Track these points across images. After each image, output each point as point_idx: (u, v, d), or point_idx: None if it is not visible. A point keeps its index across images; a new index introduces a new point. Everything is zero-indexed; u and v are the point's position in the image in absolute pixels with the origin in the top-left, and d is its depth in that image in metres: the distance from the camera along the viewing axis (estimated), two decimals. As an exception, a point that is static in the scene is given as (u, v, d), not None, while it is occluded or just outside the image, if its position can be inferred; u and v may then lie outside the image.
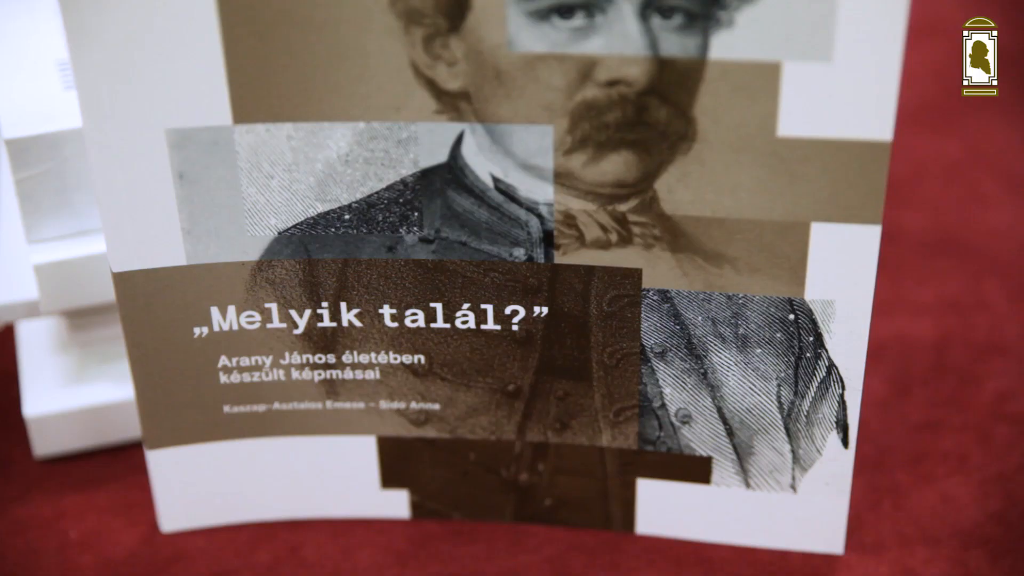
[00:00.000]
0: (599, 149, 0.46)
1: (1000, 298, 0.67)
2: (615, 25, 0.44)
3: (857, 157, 0.45)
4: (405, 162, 0.48)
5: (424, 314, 0.51)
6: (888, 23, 0.43)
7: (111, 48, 0.45)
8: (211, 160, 0.48)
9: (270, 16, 0.45)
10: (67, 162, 0.54)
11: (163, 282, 0.50)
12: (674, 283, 0.49)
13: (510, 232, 0.49)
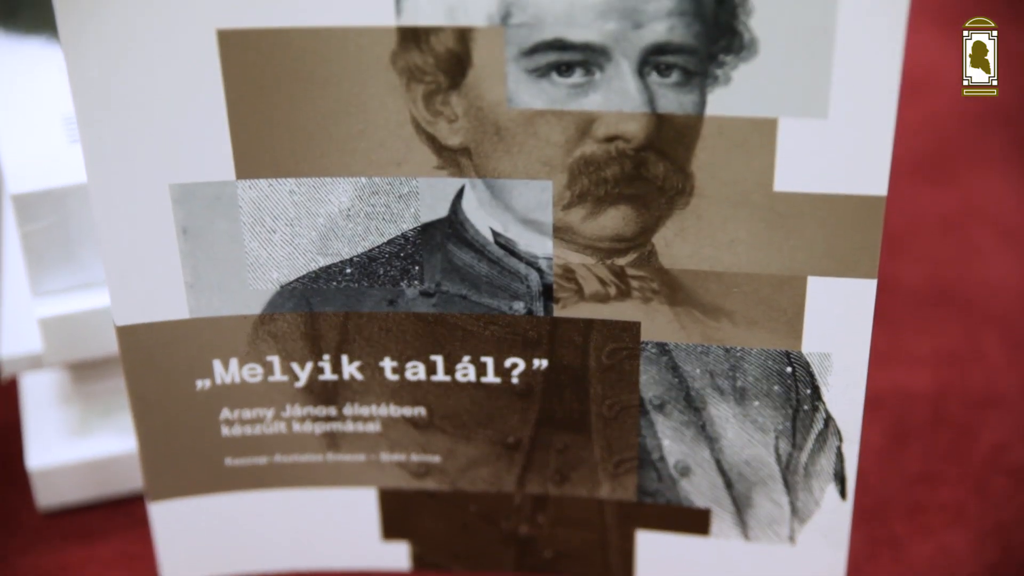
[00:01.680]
0: (598, 204, 0.47)
1: (997, 350, 0.67)
2: (613, 82, 0.45)
3: (852, 212, 0.46)
4: (406, 217, 0.48)
5: (425, 367, 0.51)
6: (882, 80, 0.43)
7: (116, 104, 0.46)
8: (214, 215, 0.48)
9: (273, 73, 0.46)
10: (72, 216, 0.55)
11: (166, 335, 0.50)
12: (672, 336, 0.50)
13: (510, 286, 0.49)
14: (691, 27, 0.43)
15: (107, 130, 0.46)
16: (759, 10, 0.43)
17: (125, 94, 0.46)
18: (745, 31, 0.43)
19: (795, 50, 0.43)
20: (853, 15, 0.43)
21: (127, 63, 0.45)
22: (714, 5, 0.43)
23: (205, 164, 0.47)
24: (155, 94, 0.46)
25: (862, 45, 0.43)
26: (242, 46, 0.45)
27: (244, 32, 0.45)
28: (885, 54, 0.43)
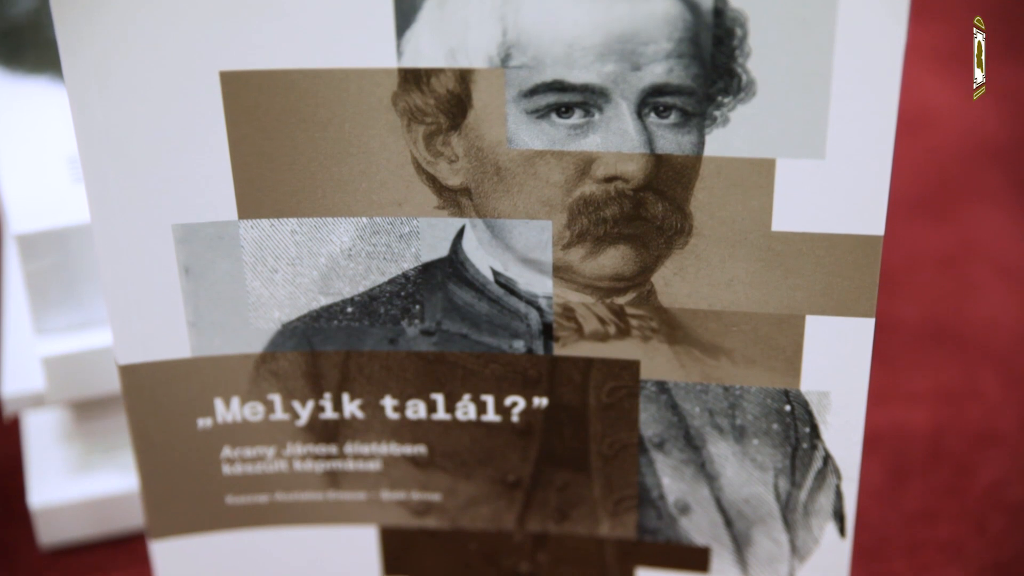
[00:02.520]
0: (597, 243, 0.47)
1: (994, 387, 0.68)
2: (612, 123, 0.45)
3: (850, 251, 0.46)
4: (407, 256, 0.49)
5: (425, 405, 0.52)
6: (879, 121, 0.44)
7: (120, 145, 0.46)
8: (216, 254, 0.48)
9: (275, 114, 0.46)
10: (74, 255, 0.55)
11: (168, 374, 0.51)
12: (672, 375, 0.50)
13: (510, 324, 0.50)
14: (689, 69, 0.44)
15: (111, 170, 0.47)
16: (756, 52, 0.43)
17: (129, 135, 0.46)
18: (743, 73, 0.44)
19: (792, 91, 0.44)
20: (849, 56, 0.43)
21: (131, 104, 0.46)
22: (712, 47, 0.43)
23: (208, 204, 0.47)
24: (158, 135, 0.46)
25: (858, 86, 0.43)
26: (244, 87, 0.46)
27: (246, 74, 0.45)
28: (881, 95, 0.43)
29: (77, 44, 0.45)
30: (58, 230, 0.55)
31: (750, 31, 0.43)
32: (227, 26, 0.45)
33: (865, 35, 0.43)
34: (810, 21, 0.43)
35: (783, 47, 0.43)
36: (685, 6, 0.43)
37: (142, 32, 0.45)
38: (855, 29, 0.43)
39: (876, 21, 0.43)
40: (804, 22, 0.43)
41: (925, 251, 0.77)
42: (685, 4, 0.43)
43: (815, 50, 0.43)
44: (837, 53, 0.43)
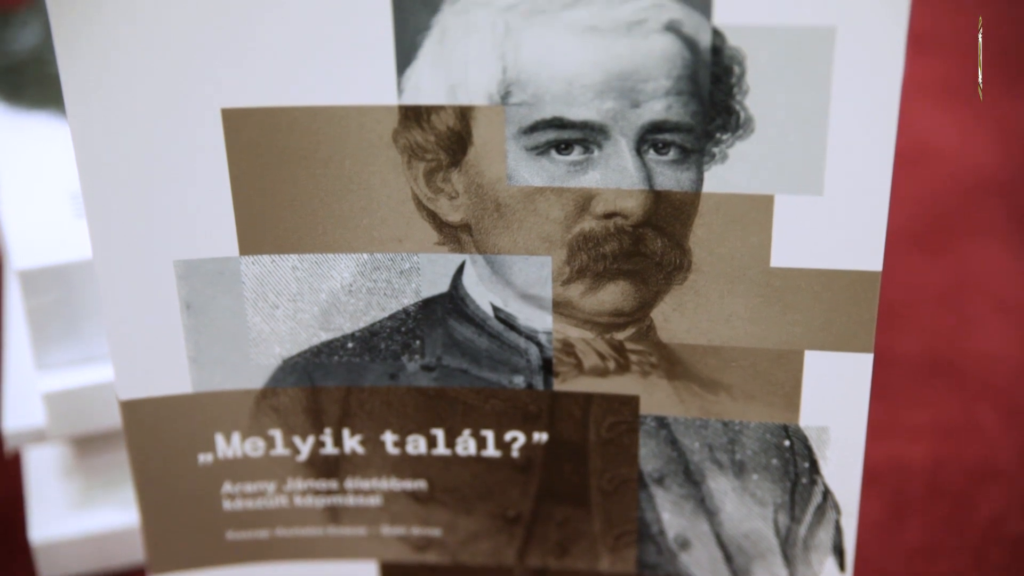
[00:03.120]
0: (597, 279, 0.48)
1: (993, 422, 0.68)
2: (612, 160, 0.45)
3: (848, 287, 0.46)
4: (407, 292, 0.49)
5: (425, 440, 0.52)
6: (876, 157, 0.44)
7: (122, 181, 0.47)
8: (217, 290, 0.49)
9: (276, 151, 0.46)
10: (76, 291, 0.55)
11: (169, 410, 0.51)
12: (671, 410, 0.50)
13: (510, 360, 0.50)
14: (688, 106, 0.44)
15: (112, 206, 0.47)
16: (754, 89, 0.44)
17: (131, 171, 0.46)
18: (741, 110, 0.44)
19: (790, 128, 0.44)
20: (847, 93, 0.43)
21: (133, 140, 0.46)
22: (710, 85, 0.44)
23: (209, 240, 0.48)
24: (160, 171, 0.47)
25: (856, 123, 0.44)
26: (246, 124, 0.46)
27: (248, 111, 0.46)
28: (879, 132, 0.44)
29: (80, 80, 0.45)
30: (60, 266, 0.55)
31: (748, 69, 0.43)
32: (229, 64, 0.45)
33: (862, 72, 0.43)
34: (807, 59, 0.43)
35: (781, 84, 0.43)
36: (683, 44, 0.43)
37: (145, 69, 0.45)
38: (852, 66, 0.43)
39: (873, 58, 0.43)
40: (801, 60, 0.43)
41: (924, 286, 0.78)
42: (683, 42, 0.43)
43: (813, 87, 0.43)
44: (835, 90, 0.43)
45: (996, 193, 0.85)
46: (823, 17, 0.42)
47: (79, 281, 0.55)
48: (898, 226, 0.79)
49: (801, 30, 0.43)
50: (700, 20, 0.43)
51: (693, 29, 0.43)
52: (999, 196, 0.85)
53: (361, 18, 0.44)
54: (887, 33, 0.42)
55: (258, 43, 0.45)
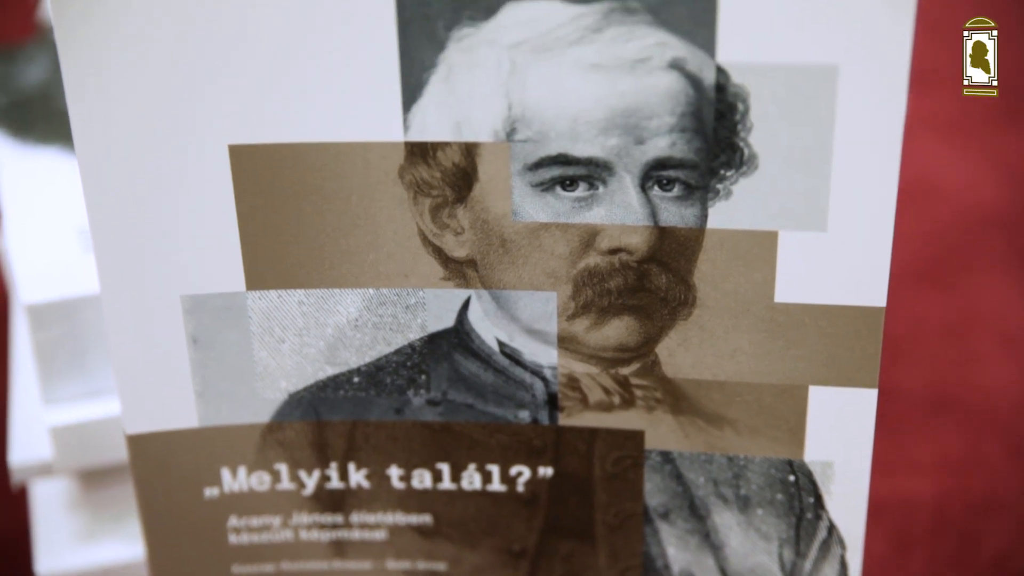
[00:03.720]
0: (602, 314, 0.48)
1: (998, 456, 0.68)
2: (616, 196, 0.46)
3: (852, 323, 0.46)
4: (413, 327, 0.49)
5: (431, 475, 0.52)
6: (880, 193, 0.44)
7: (129, 216, 0.47)
8: (224, 325, 0.49)
9: (283, 187, 0.47)
10: (83, 325, 0.55)
11: (175, 444, 0.51)
12: (676, 444, 0.50)
13: (515, 395, 0.50)
14: (692, 143, 0.44)
15: (120, 241, 0.47)
16: (758, 126, 0.44)
17: (138, 206, 0.47)
18: (745, 147, 0.44)
19: (794, 165, 0.44)
20: (850, 130, 0.44)
21: (141, 176, 0.46)
22: (714, 122, 0.44)
23: (216, 275, 0.48)
24: (167, 206, 0.47)
25: (859, 160, 0.44)
26: (253, 160, 0.46)
27: (255, 147, 0.46)
28: (882, 168, 0.44)
29: (88, 115, 0.45)
30: (67, 300, 0.55)
31: (752, 106, 0.44)
32: (236, 100, 0.45)
33: (865, 109, 0.43)
34: (811, 96, 0.43)
35: (784, 121, 0.44)
36: (688, 81, 0.44)
37: (153, 105, 0.45)
38: (855, 104, 0.43)
39: (876, 95, 0.43)
40: (805, 97, 0.43)
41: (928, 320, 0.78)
42: (688, 79, 0.44)
43: (816, 124, 0.44)
44: (838, 127, 0.44)
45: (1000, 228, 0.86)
46: (826, 55, 0.43)
47: (86, 315, 0.55)
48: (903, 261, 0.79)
49: (804, 68, 0.43)
50: (704, 58, 0.43)
51: (697, 67, 0.43)
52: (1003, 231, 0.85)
53: (368, 55, 0.44)
54: (889, 70, 0.43)
55: (265, 80, 0.45)
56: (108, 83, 0.45)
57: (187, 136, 0.46)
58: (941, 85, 0.98)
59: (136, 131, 0.46)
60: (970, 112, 0.98)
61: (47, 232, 0.59)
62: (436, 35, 0.44)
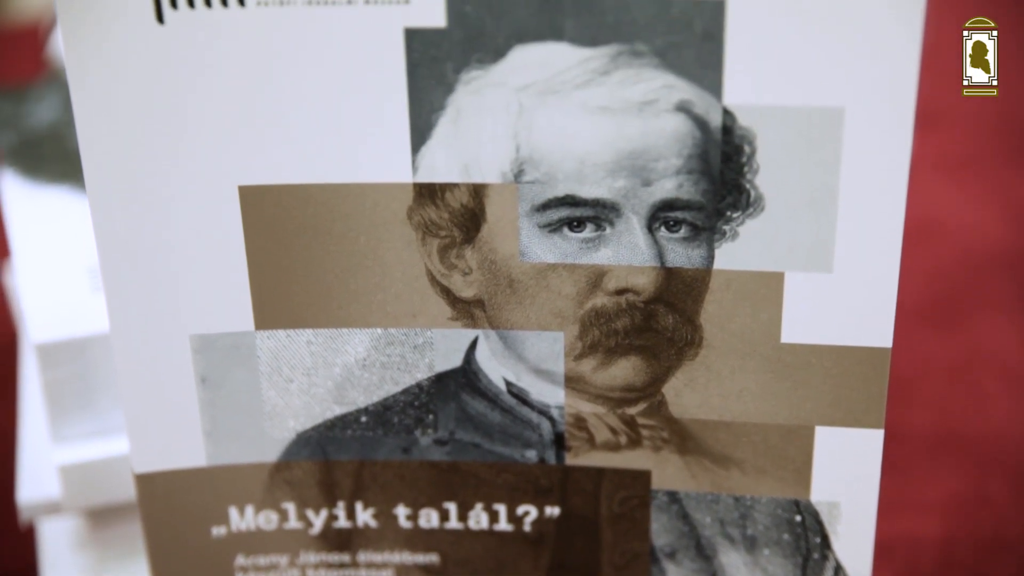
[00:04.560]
0: (609, 355, 0.48)
1: (1005, 496, 0.68)
2: (623, 237, 0.46)
3: (858, 363, 0.47)
4: (421, 367, 0.49)
5: (438, 514, 0.52)
6: (885, 235, 0.45)
7: (140, 256, 0.47)
8: (233, 364, 0.49)
9: (292, 227, 0.47)
10: (93, 364, 0.56)
11: (183, 483, 0.51)
12: (683, 484, 0.50)
13: (522, 434, 0.50)
14: (699, 184, 0.45)
15: (130, 281, 0.48)
16: (764, 168, 0.44)
17: (148, 246, 0.47)
18: (751, 188, 0.45)
19: (800, 207, 0.45)
20: (856, 172, 0.44)
21: (151, 216, 0.47)
22: (721, 164, 0.44)
23: (225, 315, 0.48)
24: (177, 246, 0.47)
25: (865, 201, 0.44)
26: (262, 201, 0.46)
27: (264, 188, 0.46)
28: (888, 210, 0.44)
29: (99, 155, 0.46)
30: (77, 339, 0.55)
31: (758, 148, 0.44)
32: (246, 142, 0.46)
33: (871, 151, 0.44)
34: (817, 138, 0.44)
35: (791, 163, 0.44)
36: (694, 123, 0.44)
37: (163, 146, 0.46)
38: (861, 146, 0.43)
39: (881, 137, 0.43)
40: (811, 139, 0.44)
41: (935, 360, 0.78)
42: (694, 121, 0.44)
43: (822, 166, 0.44)
44: (844, 169, 0.44)
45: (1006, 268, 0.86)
46: (832, 98, 0.43)
47: (96, 355, 0.56)
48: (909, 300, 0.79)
49: (810, 110, 0.43)
50: (711, 100, 0.44)
51: (704, 109, 0.44)
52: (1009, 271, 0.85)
53: (377, 97, 0.45)
54: (895, 113, 0.43)
55: (275, 121, 0.45)
56: (119, 123, 0.45)
57: (197, 176, 0.46)
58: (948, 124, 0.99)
59: (146, 171, 0.46)
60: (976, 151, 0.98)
61: (57, 271, 0.59)
62: (445, 77, 0.44)
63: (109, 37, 0.44)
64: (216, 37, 0.44)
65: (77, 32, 0.44)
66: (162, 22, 0.44)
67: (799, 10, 0.42)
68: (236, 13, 0.44)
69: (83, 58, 0.44)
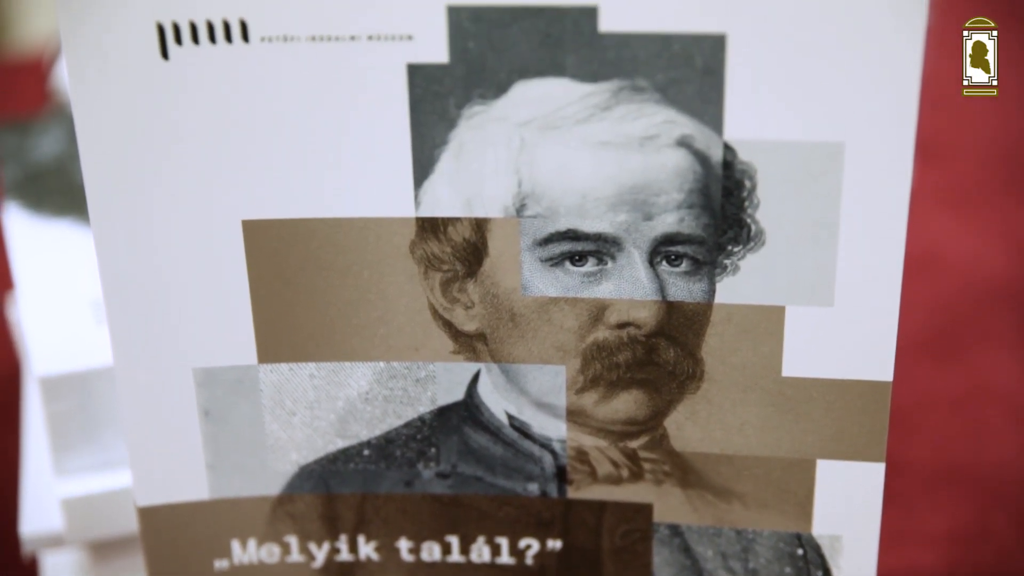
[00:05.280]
0: (610, 388, 0.48)
1: (1007, 529, 0.68)
2: (625, 271, 0.46)
3: (859, 397, 0.47)
4: (423, 400, 0.49)
5: (440, 547, 0.52)
6: (886, 269, 0.45)
7: (143, 289, 0.47)
8: (236, 398, 0.49)
9: (295, 261, 0.47)
10: (96, 398, 0.56)
11: (186, 516, 0.51)
12: (684, 518, 0.50)
13: (524, 467, 0.50)
14: (700, 219, 0.45)
15: (133, 314, 0.48)
16: (765, 203, 0.44)
17: (152, 279, 0.47)
18: (752, 223, 0.45)
19: (801, 241, 0.45)
20: (856, 207, 0.44)
21: (155, 249, 0.47)
22: (721, 198, 0.45)
23: (228, 349, 0.48)
24: (181, 280, 0.47)
25: (865, 236, 0.44)
26: (266, 235, 0.47)
27: (267, 222, 0.46)
28: (888, 244, 0.44)
29: (104, 189, 0.46)
30: (80, 373, 0.55)
31: (759, 183, 0.44)
32: (249, 176, 0.46)
33: (871, 186, 0.44)
34: (817, 173, 0.44)
35: (791, 198, 0.44)
36: (695, 158, 0.44)
37: (167, 180, 0.46)
38: (861, 181, 0.44)
39: (881, 172, 0.44)
40: (811, 174, 0.44)
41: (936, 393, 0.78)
42: (695, 156, 0.44)
43: (822, 201, 0.44)
44: (844, 204, 0.44)
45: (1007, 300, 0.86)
46: (832, 133, 0.43)
47: (99, 388, 0.56)
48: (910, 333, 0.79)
49: (810, 145, 0.43)
50: (712, 135, 0.44)
51: (705, 144, 0.44)
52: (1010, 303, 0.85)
53: (380, 132, 0.45)
54: (895, 147, 0.43)
55: (278, 156, 0.46)
56: (124, 157, 0.46)
57: (201, 210, 0.46)
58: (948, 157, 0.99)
59: (150, 205, 0.46)
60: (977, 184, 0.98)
61: (61, 304, 0.59)
62: (447, 112, 0.45)
63: (114, 72, 0.44)
64: (220, 73, 0.44)
65: (83, 67, 0.44)
66: (167, 58, 0.44)
67: (799, 45, 0.42)
68: (240, 49, 0.44)
69: (88, 93, 0.45)
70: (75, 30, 0.44)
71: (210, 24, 0.44)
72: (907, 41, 0.42)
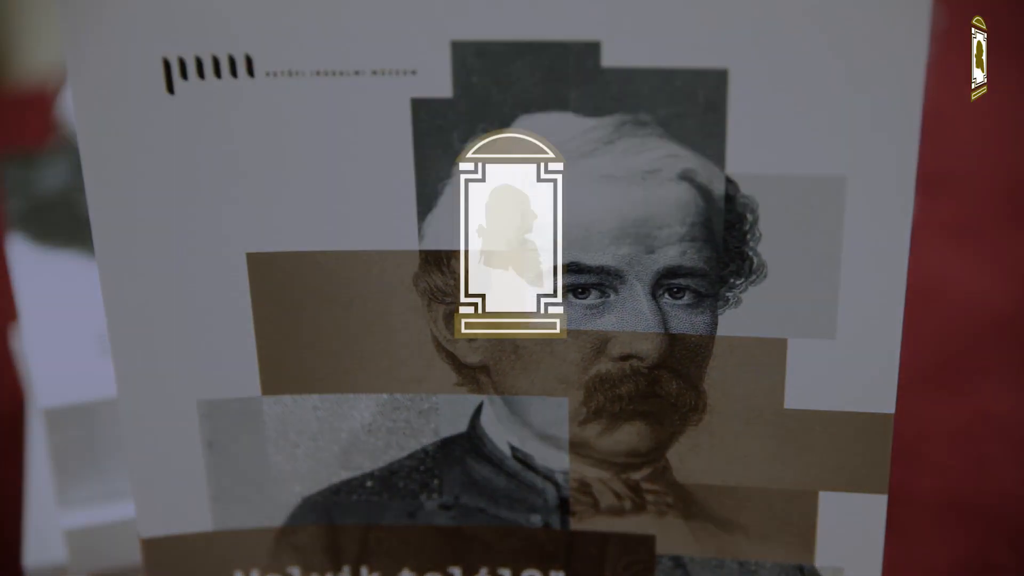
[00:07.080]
0: (613, 420, 0.48)
1: (1010, 561, 0.68)
2: (628, 303, 0.46)
3: (861, 429, 0.47)
4: (426, 432, 0.49)
5: (443, 579, 0.52)
6: (887, 302, 0.45)
7: (148, 321, 0.48)
8: (239, 430, 0.49)
9: (299, 293, 0.47)
10: (100, 429, 0.56)
11: (189, 547, 0.51)
12: (687, 550, 0.50)
13: (527, 499, 0.50)
14: (702, 252, 0.45)
15: (138, 346, 0.48)
16: (767, 236, 0.45)
17: (156, 312, 0.47)
18: (754, 256, 0.45)
19: (802, 274, 0.45)
20: (858, 240, 0.44)
21: (159, 281, 0.47)
22: (724, 232, 0.45)
23: (232, 381, 0.49)
24: (185, 312, 0.47)
25: (867, 268, 0.45)
26: (270, 268, 0.47)
27: (272, 255, 0.47)
28: (889, 276, 0.45)
29: (109, 222, 0.46)
30: (84, 404, 0.56)
31: (760, 216, 0.44)
32: (254, 209, 0.46)
33: (872, 219, 0.44)
34: (819, 206, 0.44)
35: (793, 231, 0.44)
36: (697, 192, 0.44)
37: (172, 213, 0.46)
38: (863, 214, 0.44)
39: (883, 205, 0.44)
40: (813, 208, 0.44)
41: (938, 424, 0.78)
42: (697, 190, 0.44)
43: (824, 234, 0.44)
44: (846, 237, 0.44)
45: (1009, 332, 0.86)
46: (833, 167, 0.43)
47: (103, 419, 0.56)
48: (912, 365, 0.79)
49: (812, 179, 0.44)
50: (714, 169, 0.44)
51: (707, 178, 0.44)
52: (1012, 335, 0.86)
53: (384, 166, 0.45)
54: (896, 181, 0.43)
55: (283, 189, 0.46)
56: (129, 190, 0.46)
57: (206, 243, 0.47)
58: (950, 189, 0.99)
59: (156, 237, 0.46)
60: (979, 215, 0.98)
61: (65, 336, 0.60)
62: (451, 146, 0.45)
63: (120, 107, 0.45)
64: (226, 107, 0.45)
65: (89, 101, 0.45)
66: (172, 92, 0.44)
67: (801, 80, 0.43)
68: (245, 83, 0.44)
69: (94, 127, 0.45)
70: (81, 65, 0.44)
71: (216, 59, 0.44)
72: (908, 76, 0.42)
